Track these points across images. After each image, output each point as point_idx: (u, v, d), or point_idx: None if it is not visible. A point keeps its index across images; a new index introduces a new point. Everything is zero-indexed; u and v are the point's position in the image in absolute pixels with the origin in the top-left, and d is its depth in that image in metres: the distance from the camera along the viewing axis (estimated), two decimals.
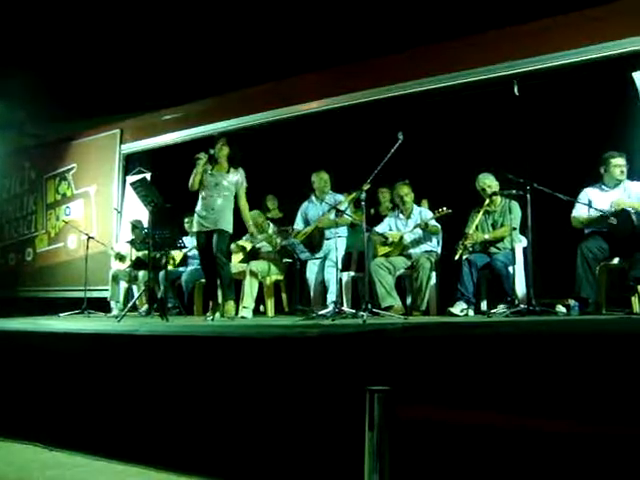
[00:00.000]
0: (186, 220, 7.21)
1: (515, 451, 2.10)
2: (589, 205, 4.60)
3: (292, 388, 2.74)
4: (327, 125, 7.02)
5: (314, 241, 5.87)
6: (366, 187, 4.90)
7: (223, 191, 5.31)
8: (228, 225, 5.31)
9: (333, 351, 2.75)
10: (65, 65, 7.70)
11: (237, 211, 5.45)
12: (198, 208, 5.39)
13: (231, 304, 5.33)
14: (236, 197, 5.39)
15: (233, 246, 6.33)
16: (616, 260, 4.48)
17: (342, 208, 5.54)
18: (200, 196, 5.39)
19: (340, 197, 5.89)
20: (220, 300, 5.45)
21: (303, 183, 6.20)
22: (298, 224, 6.14)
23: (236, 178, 5.37)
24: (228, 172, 5.37)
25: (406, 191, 5.71)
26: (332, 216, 5.69)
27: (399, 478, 1.98)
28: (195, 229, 5.45)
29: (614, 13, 5.33)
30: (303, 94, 7.13)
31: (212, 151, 5.39)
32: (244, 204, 5.44)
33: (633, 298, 4.36)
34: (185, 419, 3.00)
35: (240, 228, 5.66)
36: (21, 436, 3.43)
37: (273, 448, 2.68)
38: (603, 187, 4.72)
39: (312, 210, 6.10)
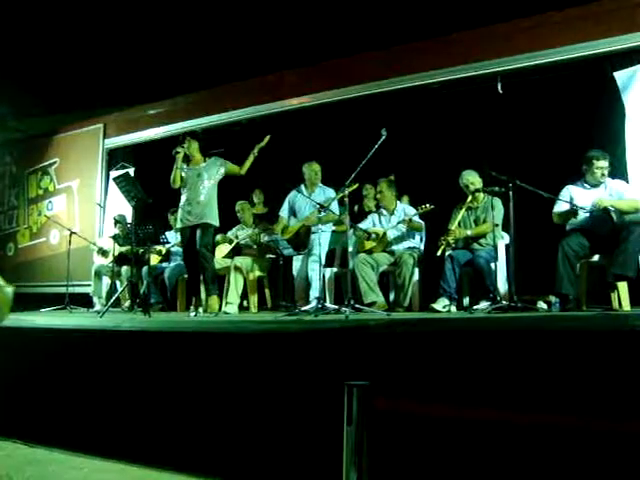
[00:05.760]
0: (171, 216, 7.21)
1: (493, 443, 2.13)
2: (570, 203, 4.63)
3: (275, 383, 2.75)
4: (312, 121, 7.01)
5: (300, 240, 5.85)
6: (353, 187, 4.87)
7: (205, 183, 5.31)
8: (214, 219, 5.30)
9: (316, 347, 2.77)
10: (48, 59, 7.62)
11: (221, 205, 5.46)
12: (182, 203, 5.38)
13: (215, 299, 5.31)
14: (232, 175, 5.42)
15: (219, 237, 6.35)
16: (596, 257, 4.52)
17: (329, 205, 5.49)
18: (183, 192, 5.39)
19: (331, 191, 5.77)
20: (203, 295, 5.43)
21: (288, 179, 6.16)
22: (283, 211, 6.06)
23: (214, 167, 5.38)
24: (204, 162, 5.41)
25: (386, 187, 5.73)
26: (319, 214, 5.60)
27: (377, 471, 1.99)
28: (179, 225, 5.42)
29: (596, 13, 5.38)
30: (287, 90, 7.11)
31: (181, 149, 5.40)
32: (239, 168, 5.44)
33: (612, 295, 4.38)
34: (166, 414, 3.00)
35: (228, 221, 5.63)
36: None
37: (253, 442, 2.69)
38: (585, 185, 4.73)
39: (300, 201, 5.98)
